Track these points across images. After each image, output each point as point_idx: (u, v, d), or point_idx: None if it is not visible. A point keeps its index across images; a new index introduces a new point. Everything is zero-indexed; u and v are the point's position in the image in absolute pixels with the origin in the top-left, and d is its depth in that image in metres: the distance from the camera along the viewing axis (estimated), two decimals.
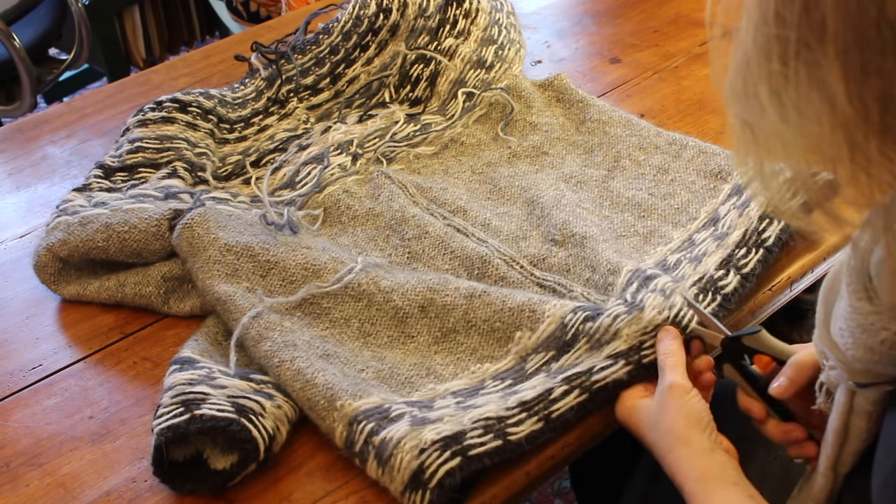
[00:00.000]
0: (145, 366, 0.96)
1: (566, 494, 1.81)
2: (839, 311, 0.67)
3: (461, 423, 0.80)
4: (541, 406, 0.82)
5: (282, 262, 0.99)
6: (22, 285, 1.07)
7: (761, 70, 0.54)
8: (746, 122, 0.58)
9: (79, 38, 2.27)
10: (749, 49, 0.55)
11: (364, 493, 0.81)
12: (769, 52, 0.53)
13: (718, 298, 0.92)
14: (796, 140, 0.55)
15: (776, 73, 0.54)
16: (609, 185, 1.13)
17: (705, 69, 1.37)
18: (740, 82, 0.57)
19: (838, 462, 0.72)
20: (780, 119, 0.55)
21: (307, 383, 0.84)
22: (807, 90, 0.53)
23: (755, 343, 0.84)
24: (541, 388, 0.84)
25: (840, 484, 0.74)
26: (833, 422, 0.71)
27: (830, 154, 0.54)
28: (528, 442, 0.80)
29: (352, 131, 1.22)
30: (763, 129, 0.57)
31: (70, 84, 2.76)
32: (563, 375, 0.85)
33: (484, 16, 1.34)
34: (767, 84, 0.54)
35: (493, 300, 0.93)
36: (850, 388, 0.68)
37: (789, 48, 0.52)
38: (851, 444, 0.71)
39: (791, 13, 0.52)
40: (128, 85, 1.44)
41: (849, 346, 0.65)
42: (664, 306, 0.87)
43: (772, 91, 0.54)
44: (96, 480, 0.84)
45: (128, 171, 1.13)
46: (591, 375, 0.84)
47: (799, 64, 0.52)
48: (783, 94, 0.54)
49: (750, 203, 1.02)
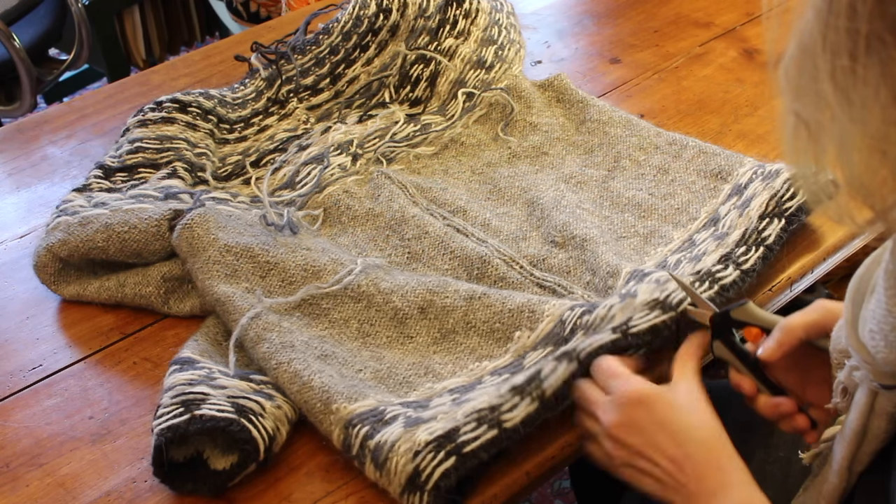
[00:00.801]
0: (145, 366, 0.96)
1: (566, 494, 1.81)
2: (869, 312, 0.65)
3: (454, 418, 0.79)
4: (532, 386, 0.81)
5: (281, 263, 0.99)
6: (22, 285, 1.07)
7: (826, 64, 0.51)
8: (803, 118, 0.55)
9: (79, 39, 2.27)
10: (814, 42, 0.52)
11: (364, 493, 0.81)
12: (837, 45, 0.50)
13: (716, 287, 0.90)
14: (857, 139, 0.52)
15: (843, 69, 0.51)
16: (609, 185, 1.13)
17: (705, 69, 1.37)
18: (800, 76, 0.53)
19: (854, 461, 0.72)
20: (843, 116, 0.52)
21: (304, 386, 0.84)
22: (875, 87, 0.50)
23: (743, 315, 0.83)
24: (532, 370, 0.83)
25: (853, 482, 0.73)
26: (852, 422, 0.70)
27: (893, 154, 0.52)
28: (524, 426, 0.79)
29: (352, 131, 1.22)
30: (821, 126, 0.54)
31: (70, 84, 2.76)
32: (553, 356, 0.84)
33: (484, 16, 1.34)
34: (832, 79, 0.51)
35: (493, 302, 0.93)
36: (874, 388, 0.67)
37: (860, 42, 0.49)
38: (869, 444, 0.70)
39: (864, 4, 0.49)
40: (128, 85, 1.44)
41: (880, 349, 0.63)
42: (654, 292, 0.87)
43: (837, 87, 0.51)
44: (96, 480, 0.84)
45: (128, 171, 1.13)
46: (580, 346, 0.83)
47: (869, 59, 0.50)
48: (850, 90, 0.51)
49: (750, 203, 1.02)
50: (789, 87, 0.54)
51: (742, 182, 1.07)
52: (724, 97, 1.30)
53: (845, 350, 0.71)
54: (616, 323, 0.85)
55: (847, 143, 0.53)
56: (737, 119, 1.26)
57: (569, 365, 0.82)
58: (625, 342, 0.83)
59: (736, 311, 0.83)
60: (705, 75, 1.36)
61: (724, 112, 1.27)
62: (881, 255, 0.64)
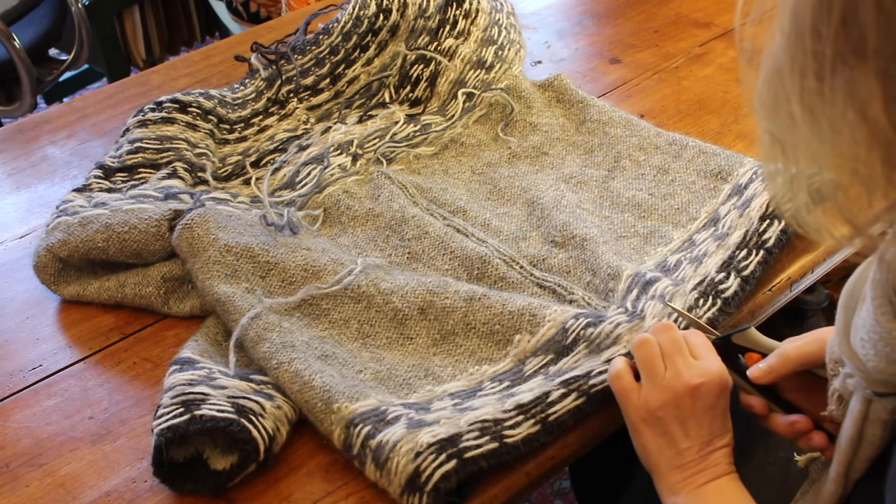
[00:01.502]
0: (145, 366, 0.96)
1: (566, 495, 1.81)
2: (860, 320, 0.65)
3: (457, 425, 0.80)
4: (538, 409, 0.82)
5: (281, 264, 0.99)
6: (22, 286, 1.07)
7: (794, 86, 0.52)
8: (777, 137, 0.55)
9: (79, 39, 2.27)
10: (782, 64, 0.52)
11: (364, 493, 0.81)
12: (804, 67, 0.51)
13: (719, 303, 0.92)
14: (829, 158, 0.53)
15: (811, 90, 0.51)
16: (609, 185, 1.13)
17: (705, 69, 1.37)
18: (771, 97, 0.54)
19: (850, 468, 0.72)
20: (813, 137, 0.52)
21: (305, 385, 0.84)
22: (843, 108, 0.50)
23: (744, 341, 0.84)
24: (538, 390, 0.84)
25: (850, 489, 0.74)
26: (847, 429, 0.71)
27: (865, 173, 0.52)
28: (524, 445, 0.80)
29: (352, 132, 1.22)
30: (794, 146, 0.55)
31: (70, 84, 2.76)
32: (561, 378, 0.85)
33: (484, 16, 1.34)
34: (801, 100, 0.52)
35: (493, 303, 0.93)
36: (868, 396, 0.68)
37: (825, 64, 0.50)
38: (865, 451, 0.70)
39: (828, 27, 0.49)
40: (128, 85, 1.44)
41: (870, 358, 0.64)
42: (663, 314, 0.88)
43: (805, 108, 0.52)
44: (96, 481, 0.84)
45: (128, 171, 1.13)
46: (589, 379, 0.84)
47: (835, 80, 0.50)
48: (818, 111, 0.52)
49: (750, 203, 1.02)
50: (763, 107, 0.55)
51: (742, 182, 1.07)
52: (724, 97, 1.30)
53: (840, 359, 0.71)
54: (623, 346, 0.86)
55: (819, 162, 0.54)
56: (737, 119, 1.26)
57: (577, 398, 0.83)
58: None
59: (737, 336, 0.84)
60: (705, 75, 1.36)
61: (724, 112, 1.27)
62: (872, 263, 0.64)
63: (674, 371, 0.78)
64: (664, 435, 0.78)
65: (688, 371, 0.78)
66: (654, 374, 0.79)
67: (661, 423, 0.78)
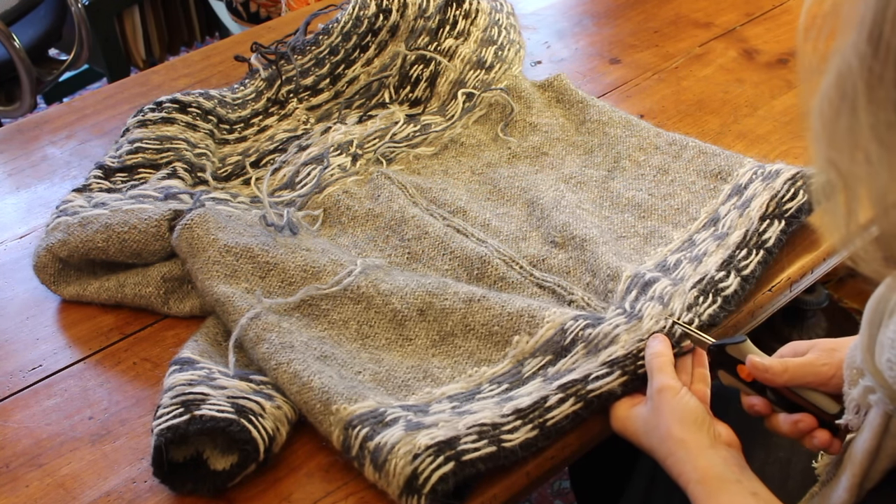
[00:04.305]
0: (145, 366, 0.96)
1: (566, 495, 1.81)
2: (888, 340, 0.63)
3: (455, 428, 0.80)
4: (536, 414, 0.82)
5: (281, 264, 0.99)
6: (22, 286, 1.07)
7: (870, 118, 0.48)
8: (838, 166, 0.51)
9: (79, 39, 2.27)
10: (856, 91, 0.48)
11: (363, 493, 0.81)
12: (885, 99, 0.46)
13: (719, 300, 0.92)
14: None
15: (890, 124, 0.47)
16: (609, 185, 1.13)
17: (705, 69, 1.37)
18: (838, 125, 0.49)
19: (866, 479, 0.71)
20: (886, 173, 0.48)
21: (303, 386, 0.84)
22: None
23: (738, 353, 0.84)
24: (536, 395, 0.84)
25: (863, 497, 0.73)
26: (865, 441, 0.70)
27: None
28: (522, 449, 0.80)
29: (351, 132, 1.22)
30: (858, 178, 0.50)
31: (70, 84, 2.76)
32: (559, 383, 0.85)
33: (484, 16, 1.34)
34: (875, 134, 0.48)
35: (493, 305, 0.93)
36: (890, 412, 0.67)
37: None
38: (882, 463, 0.70)
39: None
40: (128, 85, 1.44)
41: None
42: (661, 315, 0.88)
43: (882, 143, 0.48)
44: (96, 481, 0.84)
45: (128, 171, 1.13)
46: (587, 384, 0.84)
47: None
48: (895, 147, 0.47)
49: (750, 203, 1.02)
50: (824, 133, 0.51)
51: (742, 182, 1.07)
52: (723, 97, 1.30)
53: (860, 369, 0.70)
54: (621, 346, 0.86)
55: (885, 199, 0.50)
56: (737, 119, 1.26)
57: (575, 404, 0.83)
58: (632, 384, 0.84)
59: (731, 348, 0.84)
60: (705, 75, 1.36)
61: (723, 112, 1.27)
62: None
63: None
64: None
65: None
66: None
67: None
